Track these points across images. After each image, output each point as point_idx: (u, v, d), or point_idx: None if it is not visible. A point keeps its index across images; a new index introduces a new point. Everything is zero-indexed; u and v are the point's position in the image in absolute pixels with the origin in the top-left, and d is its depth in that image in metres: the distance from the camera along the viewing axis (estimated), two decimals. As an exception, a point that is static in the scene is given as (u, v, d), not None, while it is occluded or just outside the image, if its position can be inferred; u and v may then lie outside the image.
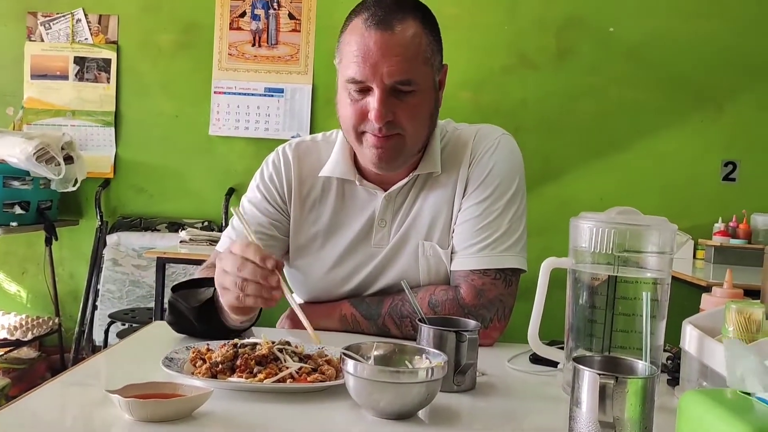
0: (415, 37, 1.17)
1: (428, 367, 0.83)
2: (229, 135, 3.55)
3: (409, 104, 1.19)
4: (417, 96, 1.19)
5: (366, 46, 1.16)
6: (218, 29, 3.55)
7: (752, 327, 0.87)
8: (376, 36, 1.15)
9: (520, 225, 1.28)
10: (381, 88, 1.16)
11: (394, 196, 1.31)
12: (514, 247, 1.26)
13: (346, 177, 1.31)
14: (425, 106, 1.22)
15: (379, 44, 1.15)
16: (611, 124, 3.50)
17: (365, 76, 1.16)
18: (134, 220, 3.52)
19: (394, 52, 1.15)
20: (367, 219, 1.32)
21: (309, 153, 1.36)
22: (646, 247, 0.93)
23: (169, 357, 0.95)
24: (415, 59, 1.17)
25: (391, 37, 1.15)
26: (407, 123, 1.19)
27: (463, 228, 1.28)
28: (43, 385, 0.91)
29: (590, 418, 0.73)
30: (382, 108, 1.16)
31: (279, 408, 0.84)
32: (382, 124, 1.17)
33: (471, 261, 1.26)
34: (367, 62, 1.15)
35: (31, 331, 3.15)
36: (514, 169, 1.31)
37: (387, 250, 1.30)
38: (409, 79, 1.17)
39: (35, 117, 3.57)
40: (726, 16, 3.45)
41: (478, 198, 1.27)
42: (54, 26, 3.57)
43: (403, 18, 1.17)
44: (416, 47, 1.17)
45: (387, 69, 1.15)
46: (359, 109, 1.19)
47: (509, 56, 3.49)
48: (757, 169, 3.48)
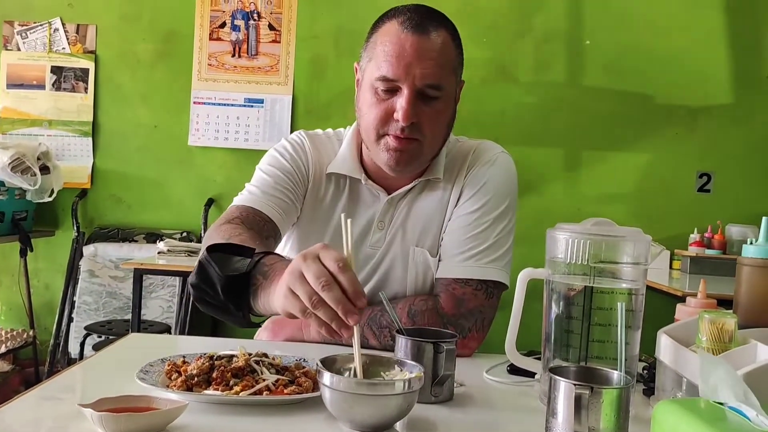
0: (447, 45, 1.21)
1: (405, 379, 0.83)
2: (208, 145, 3.53)
3: (434, 110, 1.21)
4: (441, 103, 1.22)
5: (401, 47, 1.18)
6: (198, 39, 3.54)
7: (725, 337, 0.88)
8: (413, 39, 1.18)
9: (507, 241, 1.30)
10: (411, 89, 1.18)
11: (397, 200, 1.33)
12: (499, 261, 1.28)
13: (352, 175, 1.32)
14: (446, 115, 1.25)
15: (415, 46, 1.18)
16: (588, 136, 3.53)
17: (397, 75, 1.18)
18: (111, 230, 3.49)
19: (429, 56, 1.18)
20: (367, 220, 1.33)
21: (324, 144, 1.38)
22: (621, 257, 0.94)
23: (144, 370, 0.94)
24: (445, 66, 1.21)
25: (427, 42, 1.19)
26: (428, 129, 1.22)
27: (451, 237, 1.30)
28: (16, 398, 0.89)
29: (566, 428, 0.73)
30: (410, 108, 1.18)
31: (256, 421, 0.84)
32: (407, 124, 1.19)
33: (455, 269, 1.27)
34: (402, 62, 1.18)
35: (4, 344, 3.10)
36: (508, 186, 1.34)
37: (380, 253, 1.32)
38: (439, 84, 1.20)
39: (11, 127, 3.53)
40: (699, 30, 3.51)
41: (469, 208, 1.30)
42: (31, 35, 3.53)
43: (437, 26, 1.21)
44: (447, 55, 1.21)
45: (420, 71, 1.18)
46: (384, 109, 1.21)
47: (488, 69, 3.52)
48: (731, 180, 3.53)
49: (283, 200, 1.29)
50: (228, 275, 0.99)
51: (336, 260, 0.85)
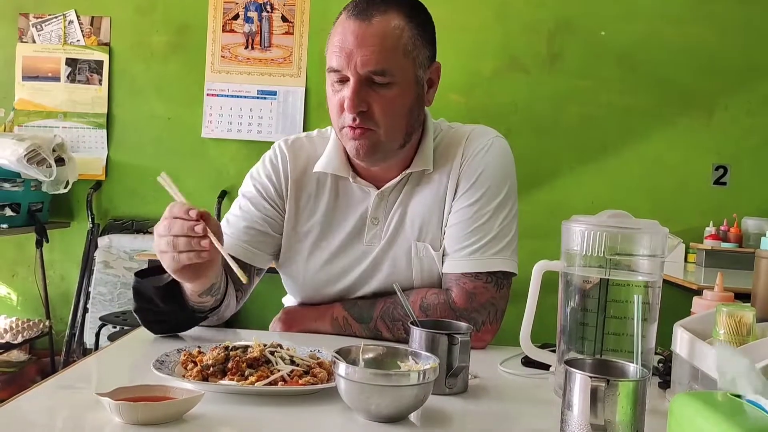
0: (396, 29, 1.17)
1: (420, 370, 0.83)
2: (221, 137, 3.54)
3: (385, 97, 1.18)
4: (393, 88, 1.18)
5: (344, 36, 1.17)
6: (211, 31, 3.54)
7: (743, 330, 0.87)
8: (354, 26, 1.16)
9: (511, 228, 1.28)
10: (355, 78, 1.16)
11: (387, 194, 1.30)
12: (505, 250, 1.26)
13: (339, 173, 1.30)
14: (403, 101, 1.20)
15: (355, 33, 1.16)
16: (602, 128, 3.51)
17: (341, 65, 1.17)
18: (126, 222, 3.50)
19: (370, 42, 1.15)
20: (360, 216, 1.31)
21: (304, 148, 1.36)
22: (637, 250, 0.93)
23: (160, 360, 0.95)
24: (392, 51, 1.17)
25: (368, 27, 1.16)
26: (381, 116, 1.18)
27: (453, 230, 1.27)
28: (33, 388, 0.90)
29: (581, 421, 0.73)
30: (354, 97, 1.16)
31: (270, 411, 0.84)
32: (354, 113, 1.17)
33: (462, 264, 1.25)
34: (344, 52, 1.16)
35: (21, 334, 3.13)
36: (505, 172, 1.30)
37: (379, 249, 1.30)
38: (383, 69, 1.16)
39: (26, 119, 3.55)
40: (715, 21, 3.46)
41: (469, 200, 1.27)
42: (46, 28, 3.55)
43: (385, 10, 1.17)
44: (395, 39, 1.17)
45: (361, 58, 1.15)
46: (338, 101, 1.20)
47: (499, 59, 3.49)
48: (747, 172, 3.49)
49: (252, 233, 1.31)
50: (158, 287, 1.15)
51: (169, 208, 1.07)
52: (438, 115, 1.40)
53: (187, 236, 1.03)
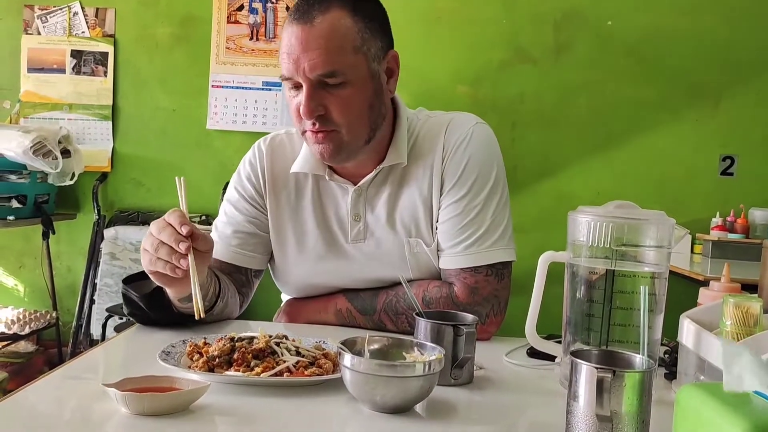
0: (340, 27, 1.14)
1: (426, 361, 0.83)
2: (226, 129, 3.53)
3: (340, 97, 1.15)
4: (348, 87, 1.15)
5: (290, 42, 1.14)
6: (216, 23, 3.53)
7: (750, 321, 0.87)
8: (297, 30, 1.14)
9: (504, 216, 1.26)
10: (307, 83, 1.14)
11: (365, 189, 1.28)
12: (501, 240, 1.25)
13: (316, 172, 1.29)
14: (360, 97, 1.17)
15: (299, 38, 1.13)
16: (609, 119, 3.49)
17: (291, 72, 1.15)
18: (132, 213, 3.51)
19: (314, 45, 1.12)
20: (341, 214, 1.30)
21: (283, 146, 1.34)
22: (644, 241, 0.93)
23: (165, 351, 0.95)
24: (339, 50, 1.13)
25: (311, 30, 1.13)
26: (340, 117, 1.16)
27: (446, 227, 1.25)
28: (40, 378, 0.91)
29: (587, 412, 0.73)
30: (309, 103, 1.14)
31: (276, 402, 0.84)
32: (311, 119, 1.15)
33: (460, 259, 1.24)
34: (291, 57, 1.14)
35: (28, 325, 3.15)
36: (490, 159, 1.27)
37: (367, 246, 1.28)
38: (332, 71, 1.13)
39: (32, 110, 3.56)
40: (723, 11, 3.44)
41: (457, 195, 1.25)
42: (51, 19, 3.55)
43: (326, 9, 1.14)
44: (340, 38, 1.13)
45: (308, 63, 1.13)
46: (296, 107, 1.18)
47: (506, 50, 3.48)
48: (755, 163, 3.47)
49: (241, 237, 1.31)
50: (144, 294, 1.16)
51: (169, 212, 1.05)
52: (446, 108, 1.38)
53: (170, 247, 1.03)
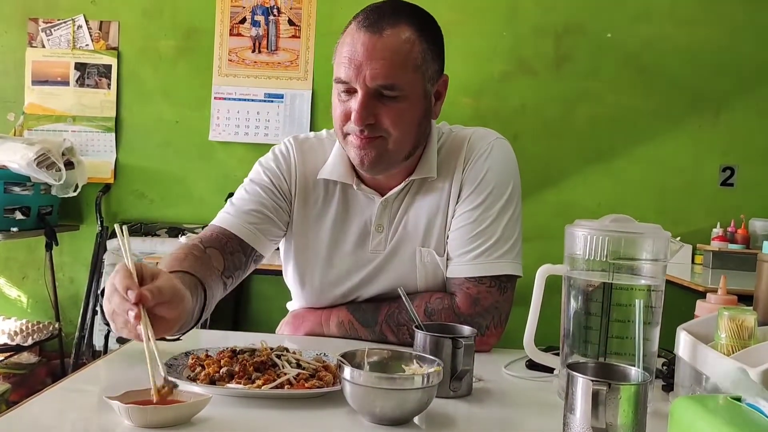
0: (406, 42, 1.16)
1: (425, 373, 0.84)
2: (229, 140, 3.55)
3: (393, 109, 1.18)
4: (402, 102, 1.18)
5: (354, 48, 1.16)
6: (218, 35, 3.56)
7: (744, 334, 0.88)
8: (365, 38, 1.16)
9: (514, 231, 1.28)
10: (364, 91, 1.16)
11: (391, 201, 1.30)
12: (509, 253, 1.26)
13: (344, 180, 1.30)
14: (411, 114, 1.20)
15: (366, 46, 1.15)
16: (609, 130, 3.50)
17: (350, 77, 1.17)
18: (134, 225, 3.52)
19: (380, 55, 1.15)
20: (365, 224, 1.31)
21: (313, 150, 1.35)
22: (640, 254, 0.94)
23: (168, 363, 0.96)
24: (402, 65, 1.16)
25: (378, 41, 1.15)
26: (390, 128, 1.19)
27: (457, 234, 1.27)
28: (44, 391, 0.92)
29: (583, 424, 0.74)
30: (362, 110, 1.16)
31: (277, 414, 0.85)
32: (361, 126, 1.17)
33: (466, 268, 1.26)
34: (353, 64, 1.16)
35: (31, 336, 3.16)
36: (508, 174, 1.30)
37: (384, 256, 1.30)
38: (392, 83, 1.16)
39: (36, 123, 3.58)
40: (722, 22, 3.46)
41: (472, 204, 1.27)
42: (55, 32, 3.58)
43: (395, 23, 1.16)
44: (405, 53, 1.16)
45: (370, 72, 1.15)
46: (344, 111, 1.20)
47: (508, 62, 3.50)
48: (755, 174, 3.48)
49: (259, 216, 1.28)
50: None
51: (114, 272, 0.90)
52: (449, 119, 1.40)
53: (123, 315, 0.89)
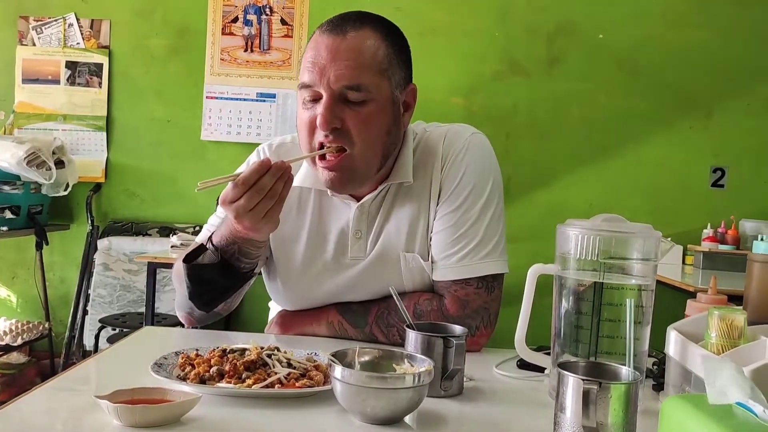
0: (370, 46, 1.15)
1: (416, 373, 0.84)
2: (221, 140, 3.55)
3: (360, 114, 1.14)
4: (369, 106, 1.15)
5: (317, 52, 1.15)
6: (210, 34, 3.55)
7: (734, 333, 0.88)
8: (328, 41, 1.14)
9: (497, 229, 1.26)
10: (328, 93, 1.13)
11: (367, 206, 1.27)
12: (493, 252, 1.24)
13: (318, 187, 1.27)
14: (379, 120, 1.17)
15: (329, 48, 1.14)
16: (601, 131, 3.52)
17: (314, 80, 1.14)
18: (125, 224, 3.51)
19: (344, 56, 1.13)
20: (342, 230, 1.28)
21: (288, 154, 1.30)
22: (630, 254, 0.94)
23: (157, 362, 0.95)
24: (368, 67, 1.14)
25: (342, 42, 1.14)
26: (356, 134, 1.15)
27: (440, 237, 1.25)
28: (33, 390, 0.91)
29: (574, 423, 0.74)
30: (327, 114, 1.13)
31: (267, 413, 0.85)
32: (326, 131, 1.13)
33: (451, 272, 1.24)
34: (317, 67, 1.14)
35: (21, 336, 3.14)
36: (486, 171, 1.27)
37: (366, 263, 1.27)
38: (358, 84, 1.13)
39: (26, 121, 3.56)
40: (714, 25, 3.48)
41: (452, 206, 1.24)
42: (46, 30, 3.56)
43: (360, 27, 1.15)
44: (370, 56, 1.15)
45: (335, 73, 1.13)
46: (310, 118, 1.16)
47: (500, 63, 3.51)
48: (745, 175, 3.51)
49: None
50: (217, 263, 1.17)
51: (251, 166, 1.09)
52: (440, 119, 1.39)
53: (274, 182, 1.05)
